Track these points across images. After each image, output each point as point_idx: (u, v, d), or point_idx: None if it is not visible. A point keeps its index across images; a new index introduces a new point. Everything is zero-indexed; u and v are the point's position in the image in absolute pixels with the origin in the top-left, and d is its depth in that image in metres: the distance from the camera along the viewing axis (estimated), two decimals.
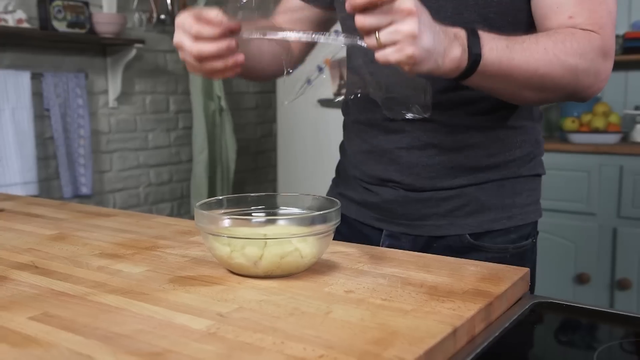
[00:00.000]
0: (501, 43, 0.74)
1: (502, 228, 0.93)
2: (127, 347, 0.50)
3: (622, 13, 2.91)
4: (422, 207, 0.94)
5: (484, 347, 0.57)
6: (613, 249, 2.51)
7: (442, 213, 0.94)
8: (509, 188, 0.94)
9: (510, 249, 0.94)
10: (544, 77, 0.77)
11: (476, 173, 0.93)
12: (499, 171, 0.93)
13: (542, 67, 0.76)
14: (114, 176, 3.10)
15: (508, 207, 0.94)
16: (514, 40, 0.76)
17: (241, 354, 0.49)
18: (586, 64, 0.78)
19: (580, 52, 0.78)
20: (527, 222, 0.96)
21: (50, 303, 0.61)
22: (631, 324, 0.66)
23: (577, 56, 0.77)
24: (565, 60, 0.77)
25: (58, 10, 2.65)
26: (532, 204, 0.97)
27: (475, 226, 0.93)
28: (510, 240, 0.94)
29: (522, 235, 0.95)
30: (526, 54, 0.75)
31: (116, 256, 0.79)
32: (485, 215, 0.93)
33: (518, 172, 0.95)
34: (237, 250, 0.67)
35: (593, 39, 0.79)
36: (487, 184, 0.93)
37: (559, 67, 0.77)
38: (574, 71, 0.78)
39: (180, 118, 3.42)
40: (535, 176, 0.98)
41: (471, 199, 0.93)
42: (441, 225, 0.94)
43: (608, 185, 2.51)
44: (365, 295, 0.63)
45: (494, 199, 0.93)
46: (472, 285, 0.66)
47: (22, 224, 1.00)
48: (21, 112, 2.59)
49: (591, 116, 2.78)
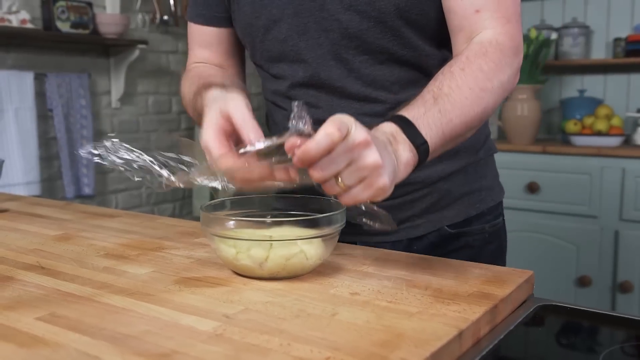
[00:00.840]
0: (432, 113, 0.70)
1: (477, 213, 0.96)
2: (135, 348, 0.50)
3: (625, 16, 2.91)
4: (397, 212, 0.93)
5: (489, 349, 0.57)
6: (615, 251, 2.51)
7: (418, 213, 0.94)
8: (473, 174, 0.96)
9: (487, 229, 0.98)
10: (483, 112, 0.77)
11: (442, 168, 0.92)
12: (461, 159, 0.94)
13: (477, 107, 0.75)
14: (116, 176, 3.10)
15: (477, 191, 0.96)
16: (440, 99, 0.72)
17: (248, 355, 0.49)
18: (507, 74, 0.79)
19: (500, 68, 0.77)
20: (496, 201, 1.00)
21: (57, 304, 0.61)
22: (635, 327, 0.66)
23: (499, 74, 0.77)
24: (492, 87, 0.76)
25: (62, 11, 2.66)
26: (496, 184, 1.01)
27: (452, 217, 0.95)
28: (485, 221, 0.98)
29: (495, 214, 1.00)
30: (458, 105, 0.73)
31: (122, 257, 0.79)
32: (459, 204, 0.95)
33: (477, 155, 0.96)
34: (243, 251, 0.68)
35: (503, 46, 0.78)
36: (453, 175, 0.94)
37: (490, 95, 0.76)
38: (502, 87, 0.78)
39: (183, 119, 3.42)
40: (490, 156, 1.01)
41: (442, 192, 0.93)
42: (419, 225, 0.94)
43: (610, 188, 2.51)
44: (371, 297, 0.63)
45: (463, 187, 0.95)
46: (477, 288, 0.66)
47: (27, 225, 1.00)
48: (24, 112, 2.59)
49: (593, 119, 2.78)
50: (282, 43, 0.89)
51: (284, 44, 0.89)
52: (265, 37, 0.90)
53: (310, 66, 0.88)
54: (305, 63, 0.88)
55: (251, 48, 0.95)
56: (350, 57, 0.86)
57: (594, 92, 3.00)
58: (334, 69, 0.87)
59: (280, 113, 0.96)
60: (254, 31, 0.91)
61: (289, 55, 0.89)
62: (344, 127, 0.58)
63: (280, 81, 0.93)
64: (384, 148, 0.62)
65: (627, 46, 2.78)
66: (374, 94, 0.88)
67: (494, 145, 1.03)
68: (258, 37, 0.91)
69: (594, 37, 3.00)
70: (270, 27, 0.88)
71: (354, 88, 0.88)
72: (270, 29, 0.89)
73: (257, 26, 0.90)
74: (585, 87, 3.02)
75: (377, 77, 0.87)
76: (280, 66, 0.91)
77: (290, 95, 0.92)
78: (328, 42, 0.86)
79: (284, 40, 0.88)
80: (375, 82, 0.88)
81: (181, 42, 3.36)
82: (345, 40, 0.85)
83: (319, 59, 0.87)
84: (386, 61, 0.87)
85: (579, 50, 2.91)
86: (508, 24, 0.80)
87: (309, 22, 0.86)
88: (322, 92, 0.89)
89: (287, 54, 0.89)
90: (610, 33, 2.96)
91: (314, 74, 0.88)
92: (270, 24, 0.88)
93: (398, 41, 0.85)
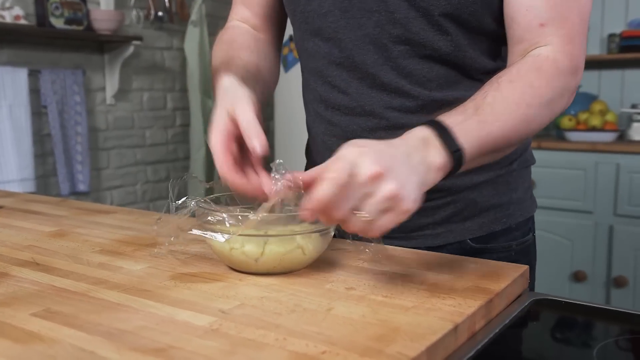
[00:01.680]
0: (471, 123, 0.67)
1: (503, 228, 0.90)
2: (131, 343, 0.50)
3: (620, 12, 2.92)
4: (417, 218, 0.89)
5: (485, 343, 0.57)
6: (609, 246, 2.52)
7: (439, 221, 0.89)
8: (503, 185, 0.90)
9: (514, 247, 0.91)
10: (526, 129, 0.73)
11: (469, 174, 0.86)
12: (491, 169, 0.88)
13: (520, 123, 0.71)
14: (111, 173, 3.09)
15: (506, 205, 0.90)
16: (481, 109, 0.69)
17: (244, 350, 0.49)
18: (558, 93, 0.75)
19: (552, 86, 0.73)
20: (526, 217, 0.93)
21: (52, 299, 0.61)
22: (629, 320, 0.66)
23: (550, 92, 0.73)
24: (540, 104, 0.72)
25: (55, 7, 2.64)
26: (528, 197, 0.94)
27: (475, 230, 0.89)
28: (512, 238, 0.91)
29: (523, 231, 0.93)
30: (500, 119, 0.69)
31: (117, 253, 0.79)
32: (484, 217, 0.89)
33: (511, 167, 0.90)
34: (239, 247, 0.68)
35: (560, 65, 0.75)
36: (481, 184, 0.88)
37: (537, 112, 0.73)
38: (551, 107, 0.74)
39: (178, 115, 3.41)
40: (526, 167, 0.94)
41: (467, 202, 0.88)
42: (439, 234, 0.89)
43: (604, 183, 2.52)
44: (367, 292, 0.63)
45: (491, 199, 0.89)
46: (472, 283, 0.66)
47: (22, 221, 1.00)
48: (18, 109, 2.58)
49: (588, 114, 2.79)
50: (322, 17, 0.85)
51: (323, 18, 0.84)
52: (305, 8, 0.86)
53: (347, 47, 0.84)
54: (342, 42, 0.84)
55: (292, 17, 0.91)
56: (391, 45, 0.82)
57: (588, 88, 3.01)
58: (371, 53, 0.83)
59: (310, 93, 0.93)
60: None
61: (327, 31, 0.85)
62: (346, 167, 0.56)
63: (315, 58, 0.89)
64: (406, 159, 0.60)
65: (622, 42, 2.78)
66: (407, 87, 0.83)
67: (531, 155, 0.96)
68: (299, 6, 0.87)
69: (589, 33, 3.01)
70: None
71: (387, 77, 0.83)
72: (312, 0, 0.85)
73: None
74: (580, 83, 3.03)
75: (414, 70, 0.82)
76: (315, 42, 0.87)
77: (323, 75, 0.88)
78: (370, 23, 0.81)
79: (324, 15, 0.84)
80: (411, 75, 0.83)
81: (176, 39, 3.35)
82: (389, 25, 0.81)
83: (357, 40, 0.83)
84: (427, 56, 0.82)
85: None
86: (570, 44, 0.75)
87: (354, 0, 0.82)
88: (354, 78, 0.85)
89: (324, 30, 0.85)
90: (604, 29, 2.97)
91: (349, 55, 0.84)
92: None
93: (444, 37, 0.80)
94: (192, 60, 3.24)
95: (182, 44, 3.34)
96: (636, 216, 2.45)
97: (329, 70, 0.87)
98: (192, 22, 3.23)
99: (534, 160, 0.96)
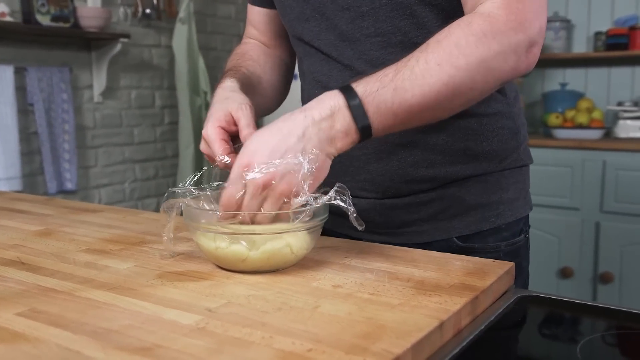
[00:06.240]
0: (386, 91, 0.67)
1: (491, 227, 0.88)
2: (117, 342, 0.50)
3: (605, 10, 2.94)
4: (402, 214, 0.89)
5: (470, 340, 0.57)
6: (596, 243, 2.54)
7: (425, 218, 0.88)
8: (493, 183, 0.88)
9: (502, 247, 0.89)
10: (452, 94, 0.69)
11: (455, 170, 0.86)
12: (480, 165, 0.87)
13: (443, 87, 0.67)
14: (99, 171, 3.08)
15: (495, 204, 0.88)
16: (400, 74, 0.68)
17: (231, 348, 0.49)
18: (495, 52, 0.69)
19: (483, 43, 0.68)
20: (517, 217, 0.90)
21: (38, 299, 0.61)
22: (613, 316, 0.67)
23: (481, 50, 0.68)
24: (468, 65, 0.68)
25: (41, 4, 2.62)
26: (521, 197, 0.91)
27: (461, 228, 0.88)
28: (501, 238, 0.89)
29: (513, 232, 0.90)
30: (418, 83, 0.67)
31: (103, 252, 0.79)
32: (471, 216, 0.87)
33: (501, 165, 0.88)
34: (226, 246, 0.68)
35: (497, 21, 0.69)
36: (470, 181, 0.87)
37: (464, 74, 0.68)
38: (484, 68, 0.69)
39: (166, 113, 3.40)
40: (521, 167, 0.91)
41: (454, 199, 0.87)
42: (425, 231, 0.88)
43: (591, 180, 2.54)
44: (353, 289, 0.63)
45: (479, 197, 0.87)
46: (458, 280, 0.67)
47: (7, 220, 0.99)
48: (4, 107, 2.56)
49: (575, 112, 2.81)
50: (304, 23, 0.89)
51: (306, 24, 0.89)
52: (291, 17, 0.91)
53: (327, 48, 0.88)
54: (322, 43, 0.88)
55: (286, 28, 0.97)
56: (363, 38, 0.84)
57: (575, 86, 3.03)
58: (348, 49, 0.85)
59: (305, 92, 0.97)
60: (283, 11, 0.93)
61: (309, 35, 0.89)
62: (239, 183, 0.67)
63: (303, 62, 0.95)
64: (300, 143, 0.66)
65: (608, 40, 2.80)
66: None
67: (528, 154, 0.93)
68: (286, 16, 0.93)
69: (575, 31, 3.03)
70: (293, 7, 0.90)
71: (361, 68, 0.84)
72: (294, 9, 0.90)
73: (284, 6, 0.92)
74: (567, 81, 3.05)
75: (387, 61, 0.78)
76: (303, 46, 0.92)
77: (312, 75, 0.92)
78: (343, 22, 0.84)
79: (307, 20, 0.89)
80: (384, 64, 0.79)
81: (164, 36, 3.33)
82: (359, 19, 0.83)
83: (336, 39, 0.86)
84: (399, 43, 0.82)
85: (560, 44, 2.94)
86: (519, 3, 0.69)
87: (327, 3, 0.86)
88: (335, 71, 0.88)
89: (307, 34, 0.89)
90: (591, 27, 2.99)
91: (330, 54, 0.88)
92: (293, 4, 0.89)
93: (411, 21, 0.81)
94: (180, 57, 3.23)
95: (170, 41, 3.32)
96: (622, 213, 2.47)
97: (315, 69, 0.91)
98: (180, 20, 3.22)
99: (531, 160, 0.93)
